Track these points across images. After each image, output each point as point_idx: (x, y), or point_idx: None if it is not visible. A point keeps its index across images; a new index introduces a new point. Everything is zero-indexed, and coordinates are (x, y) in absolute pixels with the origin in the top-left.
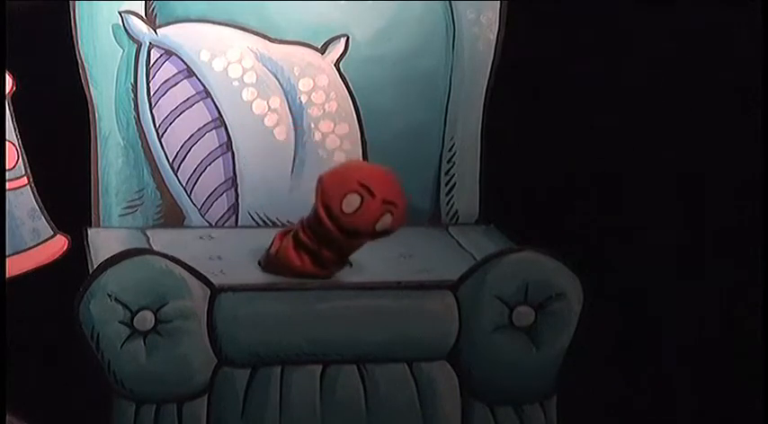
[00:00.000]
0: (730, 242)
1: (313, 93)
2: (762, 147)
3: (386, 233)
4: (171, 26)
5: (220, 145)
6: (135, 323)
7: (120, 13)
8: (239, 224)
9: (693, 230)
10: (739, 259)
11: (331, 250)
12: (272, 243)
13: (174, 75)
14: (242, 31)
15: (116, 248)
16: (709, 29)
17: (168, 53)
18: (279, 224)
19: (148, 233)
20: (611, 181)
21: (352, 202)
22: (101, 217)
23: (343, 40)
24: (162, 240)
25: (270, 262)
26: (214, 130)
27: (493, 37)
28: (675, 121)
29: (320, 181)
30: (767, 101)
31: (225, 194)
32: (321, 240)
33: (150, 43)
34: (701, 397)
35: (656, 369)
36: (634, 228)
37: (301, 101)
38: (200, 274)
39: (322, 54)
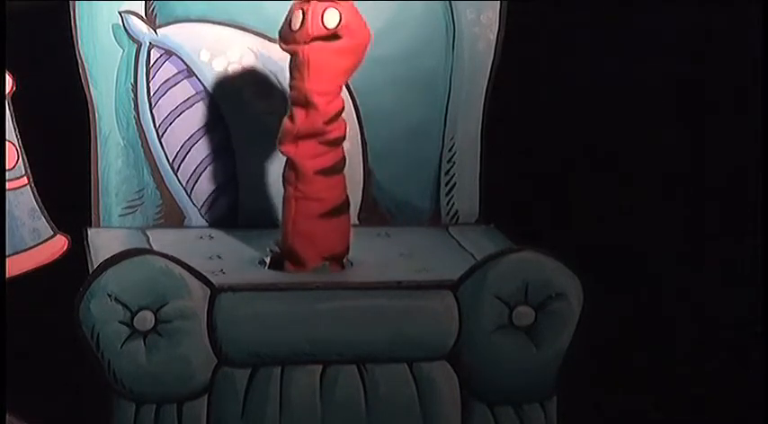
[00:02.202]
0: (731, 243)
1: None
2: (762, 147)
3: (351, 25)
4: (171, 26)
5: (220, 146)
6: (135, 323)
7: (120, 13)
8: (239, 224)
9: (694, 230)
10: (740, 259)
11: (307, 75)
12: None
13: (174, 75)
14: (242, 31)
15: (116, 248)
16: (709, 28)
17: (168, 53)
18: (279, 224)
19: (148, 233)
20: (611, 180)
21: (296, 19)
22: (101, 217)
23: None
24: (162, 240)
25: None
26: (214, 130)
27: (493, 37)
28: (676, 121)
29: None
30: (767, 101)
31: (225, 194)
32: (297, 68)
33: (150, 43)
34: (701, 397)
35: (656, 369)
36: (634, 228)
37: None
38: (201, 274)
39: None
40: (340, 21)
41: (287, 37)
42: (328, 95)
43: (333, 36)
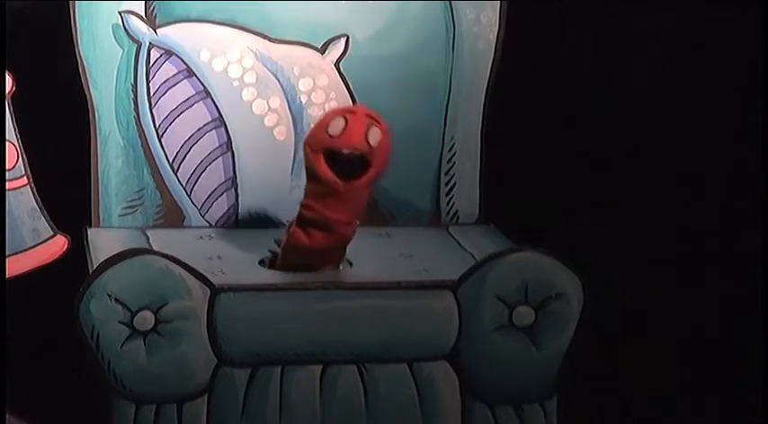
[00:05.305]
0: (730, 244)
1: (313, 93)
2: (762, 147)
3: (381, 151)
4: (171, 26)
5: (220, 145)
6: (135, 323)
7: (119, 13)
8: (239, 224)
9: (694, 230)
10: (739, 259)
11: (336, 207)
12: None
13: (174, 75)
14: (242, 31)
15: (116, 248)
16: (709, 28)
17: (168, 53)
18: (279, 224)
19: (148, 233)
20: (611, 181)
21: (336, 124)
22: (101, 217)
23: (343, 40)
24: (162, 240)
25: (283, 254)
26: (214, 130)
27: (493, 37)
28: (677, 122)
29: (305, 141)
30: (767, 101)
31: (225, 194)
32: (322, 196)
33: (150, 43)
34: (700, 398)
35: (656, 370)
36: (634, 228)
37: (301, 101)
38: (200, 274)
39: (322, 54)
40: (379, 142)
41: (320, 139)
42: (351, 224)
43: (364, 163)
